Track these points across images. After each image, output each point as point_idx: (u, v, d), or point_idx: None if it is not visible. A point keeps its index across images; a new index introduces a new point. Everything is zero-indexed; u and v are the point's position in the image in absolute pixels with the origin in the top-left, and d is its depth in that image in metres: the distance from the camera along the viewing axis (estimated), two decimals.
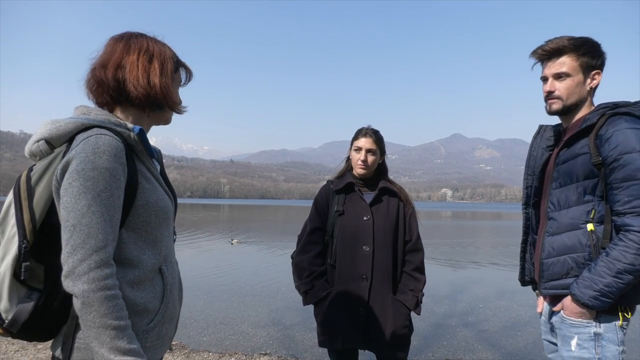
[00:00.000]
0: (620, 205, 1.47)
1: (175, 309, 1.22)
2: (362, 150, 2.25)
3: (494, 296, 7.49)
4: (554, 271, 1.64)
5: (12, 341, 4.09)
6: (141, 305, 1.08)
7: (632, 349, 4.67)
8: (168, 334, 1.20)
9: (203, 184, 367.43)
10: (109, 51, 1.16)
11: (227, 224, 29.24)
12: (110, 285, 0.97)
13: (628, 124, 1.48)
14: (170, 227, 1.23)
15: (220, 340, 4.86)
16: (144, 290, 1.10)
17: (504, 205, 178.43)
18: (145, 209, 1.10)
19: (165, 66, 1.18)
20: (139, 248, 1.10)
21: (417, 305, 2.15)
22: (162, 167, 1.31)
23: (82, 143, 1.00)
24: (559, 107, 1.67)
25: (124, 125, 1.10)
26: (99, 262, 0.96)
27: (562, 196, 1.64)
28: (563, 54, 1.64)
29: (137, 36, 1.19)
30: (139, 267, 1.09)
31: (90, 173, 0.97)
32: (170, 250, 1.23)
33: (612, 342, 1.52)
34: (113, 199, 1.00)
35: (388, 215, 2.22)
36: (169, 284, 1.17)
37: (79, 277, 0.95)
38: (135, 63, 1.14)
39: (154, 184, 1.15)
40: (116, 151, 1.02)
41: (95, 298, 0.95)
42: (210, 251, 13.86)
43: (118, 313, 0.98)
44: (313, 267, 2.23)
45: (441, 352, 4.52)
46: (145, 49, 1.16)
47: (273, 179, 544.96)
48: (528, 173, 1.85)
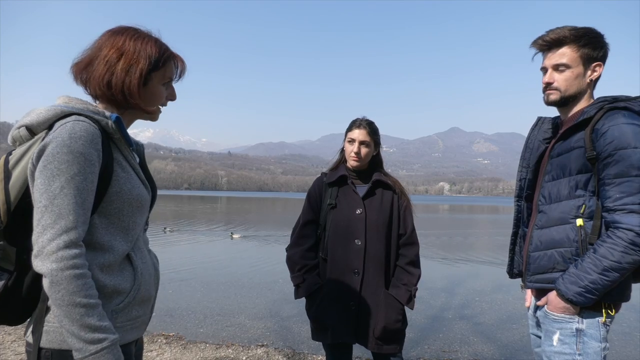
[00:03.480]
0: (611, 202, 1.44)
1: (149, 292, 1.22)
2: (355, 142, 2.21)
3: (490, 289, 7.54)
4: (540, 265, 1.63)
5: (9, 331, 4.10)
6: (110, 288, 1.09)
7: (632, 346, 4.71)
8: (140, 317, 1.20)
9: (200, 176, 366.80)
10: (91, 47, 1.17)
11: (226, 217, 29.25)
12: (79, 264, 0.98)
13: (625, 119, 1.45)
14: (144, 216, 1.23)
15: (217, 331, 4.88)
16: (113, 274, 1.11)
17: (501, 199, 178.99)
18: (118, 197, 1.11)
19: (135, 66, 1.15)
20: (110, 234, 1.11)
21: (409, 299, 2.11)
22: (143, 159, 1.32)
23: (60, 128, 1.02)
24: (556, 98, 1.65)
25: (101, 114, 1.11)
26: (68, 242, 0.97)
27: (553, 189, 1.62)
28: (564, 44, 1.60)
29: (121, 32, 1.18)
30: (110, 252, 1.10)
31: (65, 157, 0.99)
32: (140, 238, 1.23)
33: (594, 339, 1.51)
34: (86, 182, 1.01)
35: (382, 208, 2.19)
36: (138, 268, 1.17)
37: (47, 257, 0.96)
38: (101, 61, 1.14)
39: (129, 172, 1.16)
40: (92, 137, 1.03)
41: (64, 276, 0.95)
42: (208, 243, 13.87)
43: (87, 291, 0.98)
44: (305, 261, 2.21)
45: (437, 345, 4.55)
46: (119, 46, 1.15)
47: (271, 171, 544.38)
48: (523, 165, 1.82)
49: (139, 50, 1.16)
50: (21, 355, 3.57)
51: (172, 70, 1.26)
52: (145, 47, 1.17)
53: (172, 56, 1.25)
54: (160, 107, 1.29)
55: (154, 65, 1.19)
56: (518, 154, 2.07)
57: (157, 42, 1.21)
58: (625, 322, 5.32)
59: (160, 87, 1.24)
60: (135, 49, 1.16)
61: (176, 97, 1.31)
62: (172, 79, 1.28)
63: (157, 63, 1.20)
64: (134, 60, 1.15)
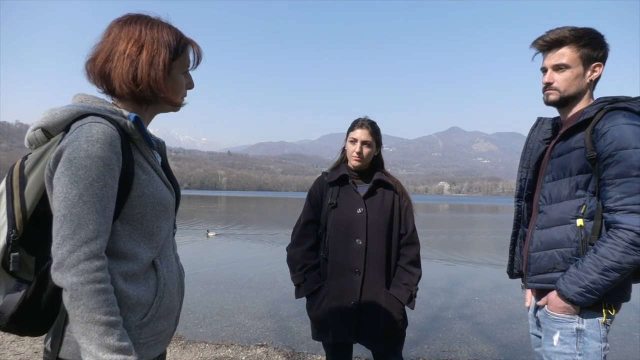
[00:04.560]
0: (612, 202, 1.45)
1: (173, 304, 1.16)
2: (357, 142, 2.22)
3: (489, 289, 7.53)
4: (541, 265, 1.63)
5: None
6: (134, 299, 1.04)
7: (631, 346, 4.71)
8: (165, 331, 1.15)
9: (200, 175, 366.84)
10: (103, 40, 1.10)
11: (227, 216, 29.23)
12: (100, 278, 0.93)
13: (626, 119, 1.46)
14: (169, 220, 1.17)
15: (216, 331, 4.88)
16: (137, 283, 1.06)
17: (500, 199, 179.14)
18: (141, 201, 1.06)
19: (157, 57, 1.09)
20: (134, 241, 1.06)
21: (410, 299, 2.12)
22: (165, 159, 1.27)
23: (76, 131, 0.97)
24: (555, 98, 1.66)
25: (119, 113, 1.05)
26: (88, 254, 0.92)
27: (554, 190, 1.63)
28: (563, 44, 1.61)
29: (133, 21, 1.11)
30: (133, 260, 1.05)
31: (82, 162, 0.94)
32: (167, 244, 1.18)
33: (594, 339, 1.51)
34: (106, 189, 0.96)
35: (382, 208, 2.19)
36: (162, 277, 1.12)
37: (67, 270, 0.91)
38: (121, 56, 1.07)
39: (151, 175, 1.10)
40: (110, 139, 0.98)
41: (84, 291, 0.90)
42: (208, 243, 13.86)
43: (108, 308, 0.93)
44: (305, 260, 2.21)
45: (437, 345, 4.55)
46: (137, 37, 1.08)
47: (271, 171, 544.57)
48: (523, 165, 1.83)
49: (157, 39, 1.10)
50: (20, 355, 3.57)
51: (189, 57, 1.20)
52: (162, 35, 1.11)
53: (188, 42, 1.18)
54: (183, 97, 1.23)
55: (174, 54, 1.13)
56: (518, 154, 2.07)
57: (171, 28, 1.14)
58: (625, 322, 5.32)
59: (180, 76, 1.18)
60: (153, 39, 1.10)
61: (194, 85, 1.25)
62: (189, 67, 1.22)
63: (177, 51, 1.14)
64: (156, 50, 1.09)
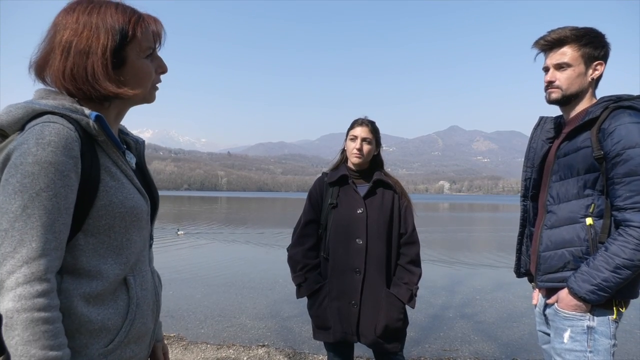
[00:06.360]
0: (622, 201, 1.47)
1: (146, 326, 1.02)
2: (357, 139, 2.24)
3: (490, 288, 7.53)
4: (551, 264, 1.64)
5: None
6: (98, 324, 0.91)
7: (632, 343, 4.72)
8: (135, 357, 1.00)
9: (200, 176, 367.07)
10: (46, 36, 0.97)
11: (227, 216, 29.24)
12: (41, 305, 0.79)
13: (631, 118, 1.48)
14: (143, 230, 1.04)
15: (218, 332, 4.88)
16: (103, 305, 0.93)
17: (500, 198, 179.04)
18: (108, 211, 0.92)
19: (93, 45, 0.92)
20: (99, 256, 0.93)
21: (411, 298, 2.13)
22: (142, 160, 1.14)
23: (27, 132, 0.84)
24: (558, 97, 1.67)
25: (80, 112, 0.91)
26: (29, 276, 0.79)
27: (561, 189, 1.64)
28: (565, 44, 1.63)
29: (73, 8, 0.96)
30: (98, 278, 0.92)
31: (29, 168, 0.80)
32: (142, 258, 1.05)
33: (605, 336, 1.53)
34: (57, 199, 0.82)
35: (382, 207, 2.21)
36: (135, 297, 0.99)
37: (6, 293, 0.78)
38: (55, 50, 0.93)
39: (121, 180, 0.97)
40: (65, 142, 0.84)
41: (19, 320, 0.77)
42: (209, 244, 13.87)
43: (47, 341, 0.79)
44: (306, 260, 2.23)
45: (438, 344, 4.54)
46: (73, 26, 0.93)
47: (271, 171, 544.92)
48: (527, 165, 1.85)
49: (96, 24, 0.93)
50: None
51: (149, 37, 1.01)
52: (103, 18, 0.94)
53: (143, 20, 1.00)
54: (156, 85, 1.07)
55: (121, 38, 0.95)
56: (518, 152, 2.09)
57: (117, 7, 0.97)
58: (625, 319, 5.32)
59: (142, 61, 1.01)
60: (91, 24, 0.93)
61: (167, 68, 1.07)
62: (153, 48, 1.04)
63: (125, 33, 0.96)
64: (92, 38, 0.93)
